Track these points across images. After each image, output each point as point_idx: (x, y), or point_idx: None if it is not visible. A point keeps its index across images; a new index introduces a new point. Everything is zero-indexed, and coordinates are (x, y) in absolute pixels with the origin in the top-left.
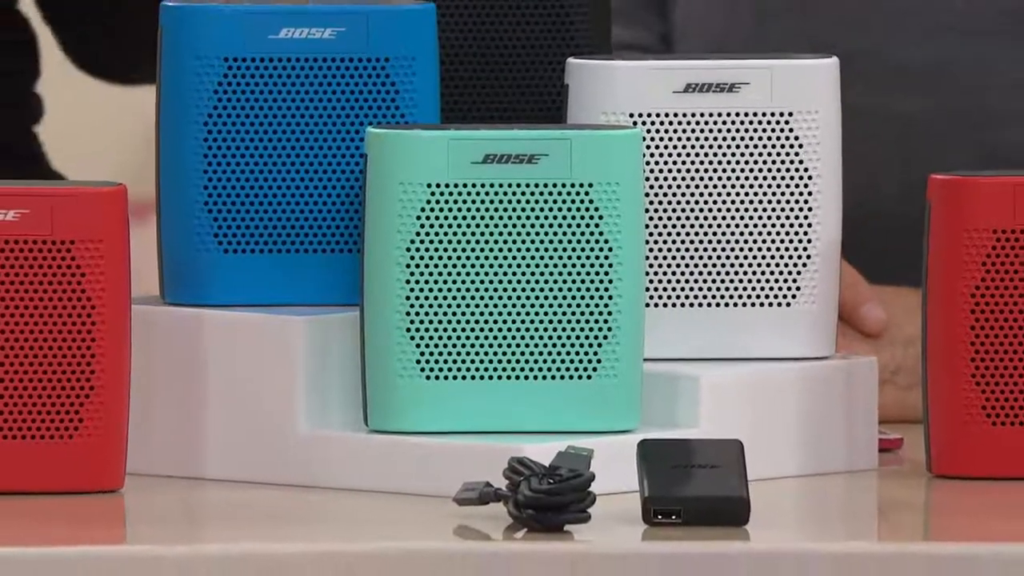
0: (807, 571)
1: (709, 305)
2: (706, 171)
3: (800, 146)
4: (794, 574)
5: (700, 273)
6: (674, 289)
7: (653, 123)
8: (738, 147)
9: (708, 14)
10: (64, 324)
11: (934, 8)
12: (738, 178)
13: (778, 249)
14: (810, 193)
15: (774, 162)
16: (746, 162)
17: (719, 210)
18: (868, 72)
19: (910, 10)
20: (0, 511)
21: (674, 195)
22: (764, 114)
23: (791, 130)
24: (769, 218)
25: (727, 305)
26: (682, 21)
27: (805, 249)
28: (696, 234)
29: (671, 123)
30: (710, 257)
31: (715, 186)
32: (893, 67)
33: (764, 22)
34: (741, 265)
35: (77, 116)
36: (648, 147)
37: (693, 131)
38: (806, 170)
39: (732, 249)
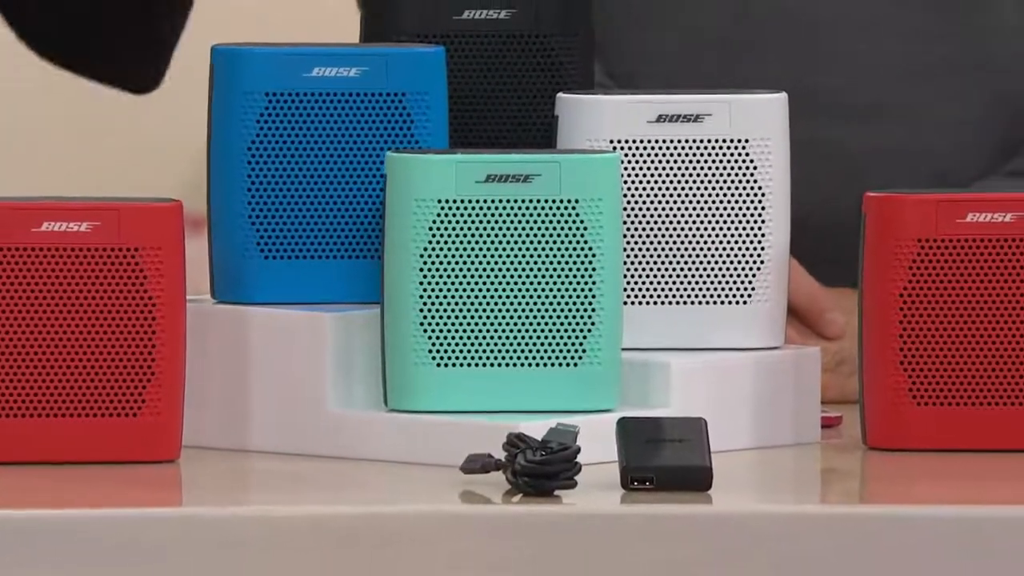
0: (761, 529)
1: (678, 303)
2: (675, 189)
3: (755, 168)
4: (750, 532)
5: (670, 276)
6: (648, 289)
7: (630, 148)
8: (702, 168)
9: (685, 54)
10: (129, 319)
11: (882, 53)
12: (702, 195)
13: (736, 256)
14: (763, 208)
15: (732, 181)
16: (709, 181)
17: (686, 222)
18: (829, 108)
19: (863, 54)
20: (75, 478)
21: (648, 209)
22: (724, 140)
23: (747, 154)
24: (728, 229)
25: (693, 303)
26: (656, 60)
27: (759, 256)
28: (666, 242)
29: (645, 148)
30: (678, 262)
31: (683, 202)
32: (848, 104)
33: (732, 67)
34: (705, 269)
35: (142, 143)
36: (626, 169)
37: (664, 155)
38: (760, 188)
39: (697, 255)
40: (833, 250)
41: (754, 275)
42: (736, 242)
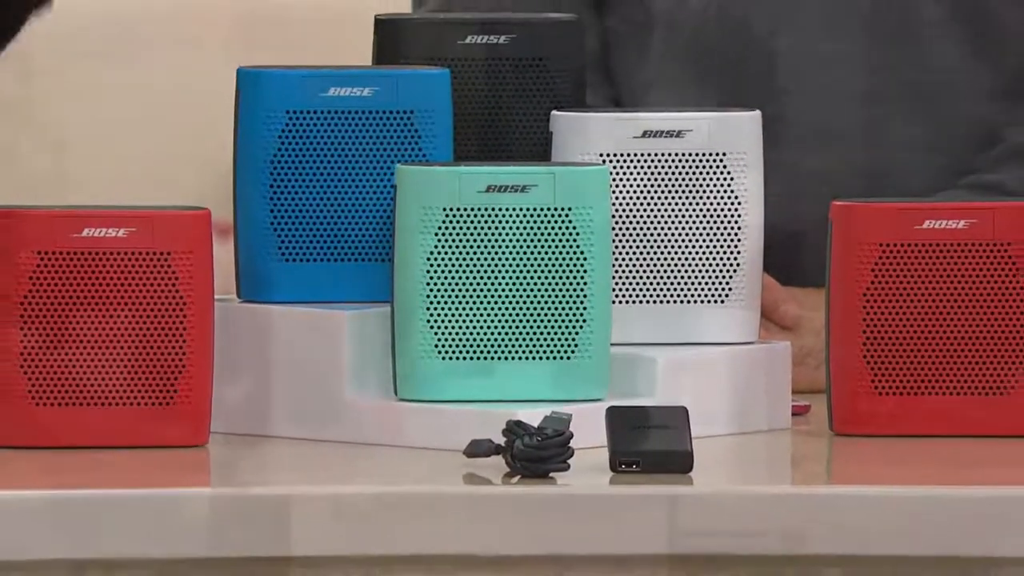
0: (737, 508)
1: (661, 302)
2: (659, 198)
3: (732, 179)
4: (727, 510)
5: (654, 277)
6: (635, 289)
7: (618, 161)
8: (683, 180)
9: (668, 85)
10: (162, 317)
11: (843, 79)
12: (683, 204)
13: (714, 259)
14: (739, 215)
15: (711, 191)
16: (689, 191)
17: (669, 228)
18: (789, 134)
19: (825, 82)
20: (112, 461)
21: (634, 217)
22: (704, 154)
23: (724, 166)
24: (707, 235)
25: (675, 302)
26: (642, 89)
27: (735, 259)
28: (651, 247)
29: (632, 161)
30: (661, 265)
31: (666, 210)
32: (809, 129)
33: (709, 97)
34: (685, 271)
35: (176, 156)
36: (614, 180)
37: (649, 167)
38: (736, 198)
39: (678, 259)
40: (805, 253)
41: (731, 277)
42: (714, 247)
